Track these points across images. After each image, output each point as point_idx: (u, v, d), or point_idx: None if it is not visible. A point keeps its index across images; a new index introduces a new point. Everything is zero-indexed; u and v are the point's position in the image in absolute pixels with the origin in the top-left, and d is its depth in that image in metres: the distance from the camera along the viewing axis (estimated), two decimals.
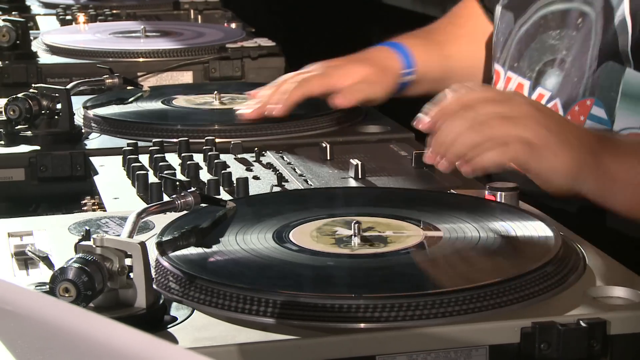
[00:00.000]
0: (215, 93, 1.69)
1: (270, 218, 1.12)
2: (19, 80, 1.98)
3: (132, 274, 0.92)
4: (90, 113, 1.61)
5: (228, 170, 1.34)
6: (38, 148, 1.48)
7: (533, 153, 1.15)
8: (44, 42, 2.17)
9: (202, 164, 1.39)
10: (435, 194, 1.27)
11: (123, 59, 2.07)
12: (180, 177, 1.34)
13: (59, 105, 1.51)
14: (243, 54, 2.11)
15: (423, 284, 0.96)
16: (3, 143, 1.50)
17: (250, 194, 1.28)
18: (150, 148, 1.43)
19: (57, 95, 1.51)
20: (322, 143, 1.46)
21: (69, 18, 2.56)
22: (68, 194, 1.44)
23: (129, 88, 1.76)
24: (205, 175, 1.35)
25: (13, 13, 2.46)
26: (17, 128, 1.51)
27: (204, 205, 1.12)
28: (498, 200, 1.18)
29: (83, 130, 1.56)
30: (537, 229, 1.07)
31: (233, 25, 2.43)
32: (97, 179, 1.37)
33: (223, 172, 1.32)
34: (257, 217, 1.13)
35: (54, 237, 1.13)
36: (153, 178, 1.33)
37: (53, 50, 2.13)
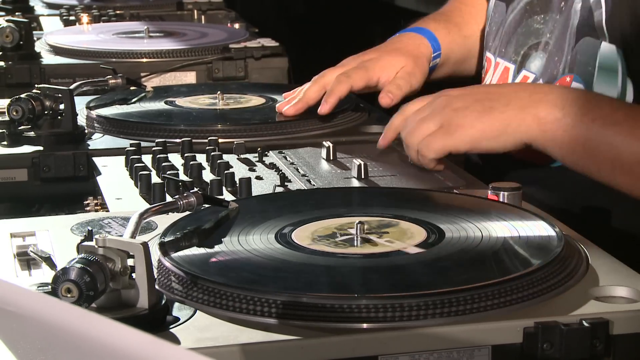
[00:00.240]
0: (219, 93, 1.69)
1: (273, 218, 1.12)
2: (23, 81, 1.99)
3: (134, 275, 0.92)
4: (93, 113, 1.61)
5: (231, 171, 1.34)
6: (41, 148, 1.48)
7: (446, 135, 1.30)
8: (48, 42, 2.17)
9: (204, 164, 1.39)
10: (438, 194, 1.27)
11: (126, 60, 2.07)
12: (183, 177, 1.34)
13: (62, 106, 1.51)
14: (246, 54, 2.11)
15: (425, 284, 0.95)
16: (6, 143, 1.50)
17: (253, 194, 1.28)
18: (153, 148, 1.43)
19: (60, 96, 1.51)
20: (324, 143, 1.45)
21: (73, 18, 2.57)
22: (71, 195, 1.44)
23: (132, 88, 1.76)
24: (208, 176, 1.35)
25: (16, 14, 2.46)
26: (20, 128, 1.51)
27: (207, 206, 1.12)
28: (501, 200, 1.18)
29: (86, 131, 1.56)
30: (539, 229, 1.07)
31: (236, 26, 2.43)
32: (99, 180, 1.37)
33: (226, 172, 1.32)
34: (259, 217, 1.13)
35: (57, 237, 1.13)
36: (156, 178, 1.33)
37: (56, 51, 2.13)
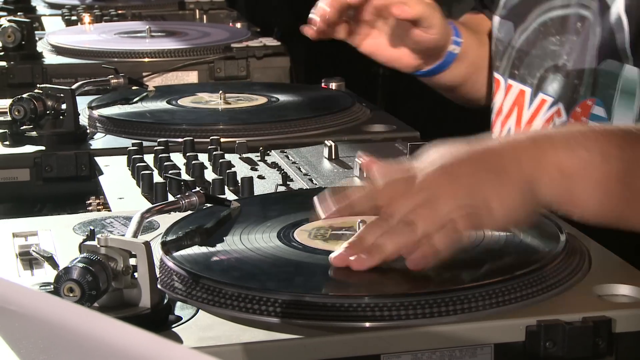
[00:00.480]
0: (220, 93, 1.69)
1: (275, 217, 1.12)
2: (25, 81, 1.99)
3: (136, 274, 0.92)
4: (95, 113, 1.61)
5: (233, 170, 1.34)
6: (43, 148, 1.48)
7: (474, 216, 1.00)
8: (50, 42, 2.17)
9: (207, 164, 1.39)
10: None
11: (128, 59, 2.07)
12: (185, 176, 1.34)
13: (64, 106, 1.51)
14: (248, 54, 2.11)
15: (428, 283, 0.95)
16: (8, 143, 1.50)
17: (255, 194, 1.28)
18: (155, 148, 1.43)
19: (61, 96, 1.51)
20: (326, 142, 1.45)
21: (74, 18, 2.57)
22: (73, 194, 1.44)
23: (134, 88, 1.76)
24: (210, 175, 1.35)
25: (18, 14, 2.46)
26: (22, 128, 1.51)
27: (209, 205, 1.12)
28: None
29: (88, 131, 1.56)
30: (542, 227, 1.07)
31: (238, 25, 2.43)
32: (102, 179, 1.37)
33: (228, 171, 1.32)
34: (261, 216, 1.13)
35: (59, 237, 1.13)
36: (158, 178, 1.33)
37: (58, 51, 2.13)
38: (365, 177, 1.10)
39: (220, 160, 1.37)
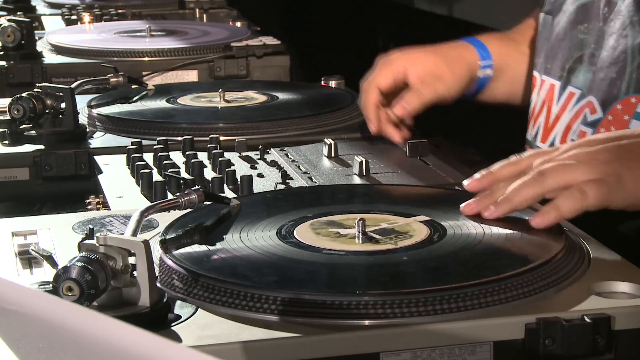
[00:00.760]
0: (220, 91, 1.70)
1: (274, 215, 1.12)
2: (24, 80, 1.99)
3: (135, 273, 0.92)
4: (95, 112, 1.61)
5: (232, 168, 1.34)
6: (42, 147, 1.48)
7: (606, 188, 1.04)
8: (49, 42, 2.17)
9: (206, 162, 1.39)
10: (440, 191, 1.27)
11: (128, 59, 2.07)
12: (185, 175, 1.34)
13: (63, 105, 1.51)
14: (248, 53, 2.11)
15: (427, 281, 0.95)
16: (7, 142, 1.50)
17: (255, 192, 1.28)
18: (155, 146, 1.43)
19: (61, 95, 1.51)
20: (326, 140, 1.45)
21: (74, 18, 2.57)
22: (72, 193, 1.44)
23: (134, 87, 1.76)
24: (210, 173, 1.35)
25: (18, 13, 2.46)
26: (21, 127, 1.51)
27: (208, 203, 1.12)
28: None
29: (87, 129, 1.56)
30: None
31: (238, 24, 2.43)
32: (101, 178, 1.38)
33: (227, 170, 1.33)
34: (261, 214, 1.13)
35: (58, 236, 1.13)
36: (157, 176, 1.33)
37: (58, 50, 2.13)
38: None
39: (220, 159, 1.37)
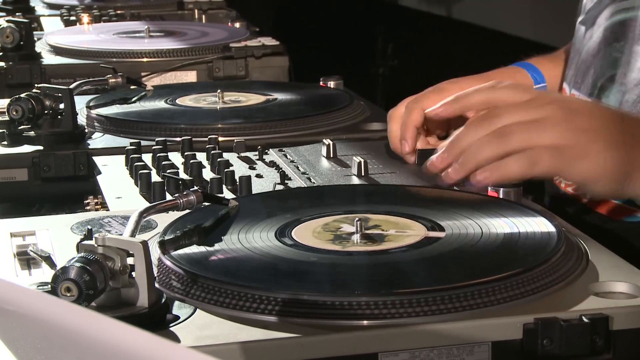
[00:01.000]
0: (219, 92, 1.70)
1: (273, 216, 1.12)
2: (23, 81, 1.99)
3: (134, 273, 0.92)
4: (93, 113, 1.62)
5: (231, 169, 1.34)
6: (41, 148, 1.48)
7: (562, 159, 1.02)
8: (48, 42, 2.17)
9: (205, 163, 1.39)
10: (438, 191, 1.27)
11: (127, 59, 2.07)
12: (183, 176, 1.34)
13: (62, 105, 1.51)
14: (247, 53, 2.11)
15: (425, 281, 0.96)
16: (6, 143, 1.50)
17: (253, 192, 1.28)
18: (153, 147, 1.43)
19: (59, 95, 1.51)
20: (324, 140, 1.46)
21: (73, 19, 2.57)
22: (71, 194, 1.44)
23: (132, 87, 1.76)
24: (208, 174, 1.35)
25: (17, 14, 2.46)
26: (20, 128, 1.51)
27: (207, 204, 1.12)
28: (501, 197, 1.18)
29: (86, 130, 1.56)
30: (539, 225, 1.07)
31: (237, 25, 2.43)
32: (100, 179, 1.38)
33: (226, 170, 1.33)
34: (259, 215, 1.13)
35: (57, 236, 1.13)
36: (156, 177, 1.33)
37: (57, 51, 2.13)
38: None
39: (219, 159, 1.37)
